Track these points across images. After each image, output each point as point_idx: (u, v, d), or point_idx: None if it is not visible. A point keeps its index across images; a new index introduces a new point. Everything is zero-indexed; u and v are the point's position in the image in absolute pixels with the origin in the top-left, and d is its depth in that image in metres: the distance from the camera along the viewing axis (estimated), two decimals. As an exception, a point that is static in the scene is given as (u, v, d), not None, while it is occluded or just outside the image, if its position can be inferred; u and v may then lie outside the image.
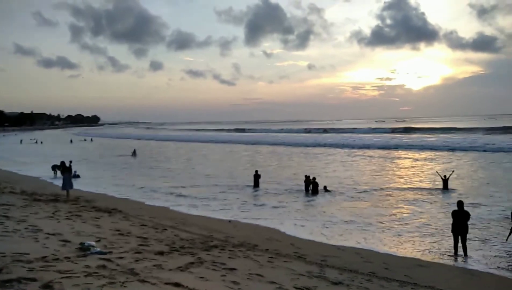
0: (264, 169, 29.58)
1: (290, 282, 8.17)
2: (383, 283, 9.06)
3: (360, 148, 55.45)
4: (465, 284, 9.79)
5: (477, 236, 14.38)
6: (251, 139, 76.51)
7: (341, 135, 76.52)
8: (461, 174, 28.53)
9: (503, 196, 20.92)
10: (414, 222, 16.68)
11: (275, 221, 17.08)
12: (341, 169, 34.88)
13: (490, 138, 59.02)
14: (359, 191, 23.89)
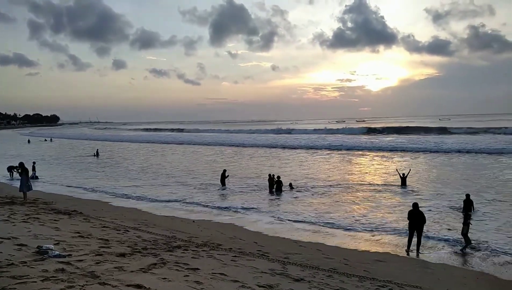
0: (229, 168, 29.57)
1: (253, 280, 8.27)
2: (343, 278, 9.33)
3: (323, 148, 56.36)
4: (421, 277, 10.22)
5: (430, 228, 15.14)
6: (212, 140, 75.21)
7: (304, 136, 77.37)
8: (418, 172, 29.81)
9: (451, 191, 22.19)
10: (374, 218, 17.37)
11: (239, 220, 17.24)
12: (305, 168, 35.48)
13: (442, 138, 61.75)
14: (322, 188, 24.70)
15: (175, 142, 73.86)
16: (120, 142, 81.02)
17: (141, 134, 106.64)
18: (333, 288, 8.23)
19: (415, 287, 8.94)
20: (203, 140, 74.11)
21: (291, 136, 78.84)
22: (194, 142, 71.57)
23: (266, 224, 16.89)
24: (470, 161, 36.72)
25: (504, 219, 16.53)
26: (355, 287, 8.61)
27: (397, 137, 67.02)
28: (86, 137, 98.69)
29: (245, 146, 61.73)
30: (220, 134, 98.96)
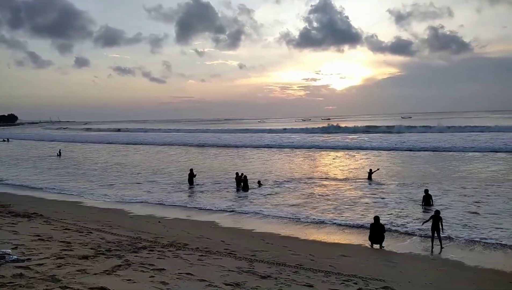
0: (196, 168, 29.32)
1: (220, 279, 8.25)
2: (309, 274, 9.46)
3: (289, 147, 56.89)
4: (384, 270, 10.51)
5: (392, 222, 15.68)
6: (177, 139, 72.88)
7: (272, 135, 77.69)
8: (383, 167, 30.61)
9: (412, 186, 23.21)
10: (341, 212, 18.12)
11: (207, 218, 17.19)
12: (270, 165, 35.75)
13: (404, 136, 63.86)
14: (289, 183, 25.48)
15: (138, 142, 71.07)
16: (82, 143, 78.54)
17: (103, 134, 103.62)
18: (299, 284, 8.33)
19: (379, 280, 9.18)
20: (167, 140, 72.33)
21: (257, 135, 79.00)
22: (158, 142, 69.51)
23: (233, 221, 17.03)
24: (431, 159, 38.14)
25: (461, 209, 17.68)
26: (321, 282, 8.75)
27: (360, 135, 68.65)
28: (49, 138, 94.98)
29: (210, 145, 61.17)
30: (186, 133, 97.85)
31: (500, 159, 35.15)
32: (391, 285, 8.78)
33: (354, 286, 8.48)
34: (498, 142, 45.08)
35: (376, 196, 21.16)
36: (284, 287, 8.03)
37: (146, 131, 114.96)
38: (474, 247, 13.27)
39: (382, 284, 8.83)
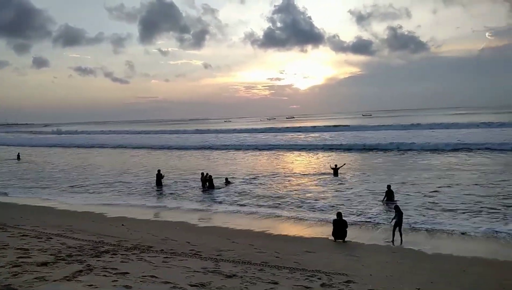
0: (162, 169, 28.95)
1: (185, 280, 8.20)
2: (274, 271, 9.56)
3: (255, 146, 57.10)
4: (347, 264, 10.77)
5: (355, 216, 16.18)
6: (140, 142, 69.62)
7: (237, 135, 77.46)
8: (348, 164, 31.45)
9: (374, 181, 24.02)
10: (306, 208, 18.65)
11: (172, 220, 17.07)
12: (240, 164, 35.85)
13: (366, 133, 65.59)
14: (256, 181, 26.08)
15: (98, 145, 68.08)
16: (40, 147, 75.55)
17: (62, 137, 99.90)
18: (264, 282, 8.40)
19: (341, 275, 9.39)
20: (131, 142, 70.25)
21: (222, 135, 78.71)
22: (122, 145, 67.19)
23: (200, 221, 17.08)
24: (392, 155, 39.41)
25: (419, 201, 18.80)
26: (285, 279, 8.86)
27: (322, 134, 69.76)
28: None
29: (176, 147, 60.21)
30: (152, 135, 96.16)
31: (455, 155, 36.77)
32: (353, 279, 9.01)
33: (318, 282, 8.64)
34: (454, 139, 47.08)
35: (340, 191, 22.23)
36: (249, 285, 8.08)
37: (108, 133, 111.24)
38: (431, 238, 14.02)
39: (345, 279, 9.04)
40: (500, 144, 39.14)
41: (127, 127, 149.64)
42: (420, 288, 8.59)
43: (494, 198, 19.00)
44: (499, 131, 54.33)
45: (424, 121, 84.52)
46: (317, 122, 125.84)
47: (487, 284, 9.18)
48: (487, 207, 17.46)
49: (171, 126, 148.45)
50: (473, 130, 58.08)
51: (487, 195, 19.53)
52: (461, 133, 54.91)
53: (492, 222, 15.43)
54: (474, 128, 61.96)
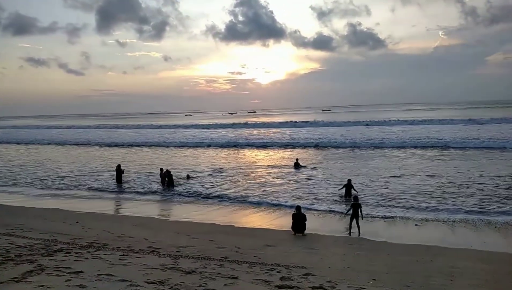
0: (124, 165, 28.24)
1: (143, 278, 8.01)
2: (234, 266, 9.54)
3: (216, 141, 56.84)
4: (306, 258, 10.92)
5: (314, 210, 16.51)
6: (89, 138, 65.25)
7: (197, 131, 76.35)
8: (308, 159, 32.07)
9: (336, 175, 24.67)
10: (266, 203, 18.99)
11: (130, 216, 16.71)
12: (201, 159, 35.60)
13: (326, 129, 66.81)
14: (217, 175, 26.46)
15: (44, 142, 61.99)
16: None
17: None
18: (224, 277, 8.36)
19: (300, 268, 9.51)
20: (79, 138, 67.06)
21: (182, 131, 77.53)
22: (70, 141, 61.89)
23: (159, 218, 16.91)
24: (350, 150, 40.46)
25: (374, 192, 19.87)
26: (245, 273, 8.86)
27: (283, 130, 70.25)
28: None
29: (133, 143, 58.71)
30: (108, 130, 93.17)
31: (408, 151, 38.25)
32: (312, 272, 9.14)
33: (277, 275, 8.70)
34: (408, 135, 48.89)
35: (301, 184, 23.05)
36: (208, 281, 8.01)
37: (55, 128, 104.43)
38: (387, 228, 14.73)
39: (303, 271, 9.15)
40: (449, 141, 41.02)
41: (80, 121, 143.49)
42: (375, 278, 8.84)
43: (444, 189, 19.98)
44: (451, 127, 57.14)
45: (381, 117, 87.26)
46: (278, 117, 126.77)
47: (438, 272, 9.58)
48: (438, 197, 18.41)
49: (127, 120, 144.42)
50: (427, 126, 60.56)
51: (438, 187, 20.54)
52: (415, 129, 57.21)
53: (442, 211, 16.43)
54: (429, 124, 64.34)
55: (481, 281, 8.98)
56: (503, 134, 44.16)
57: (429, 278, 9.06)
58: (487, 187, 20.17)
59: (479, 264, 10.64)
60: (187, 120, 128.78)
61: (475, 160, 29.32)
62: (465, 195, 18.87)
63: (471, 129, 52.52)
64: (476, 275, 9.47)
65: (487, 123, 60.45)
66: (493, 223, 14.96)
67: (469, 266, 10.37)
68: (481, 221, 15.25)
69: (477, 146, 36.45)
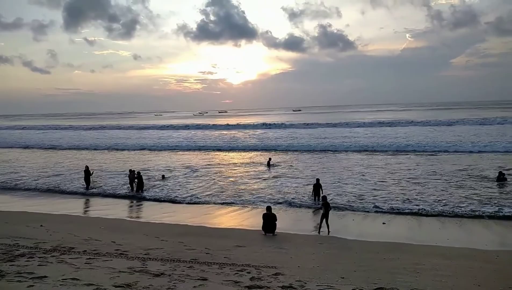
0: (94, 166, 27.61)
1: (110, 281, 7.84)
2: (204, 267, 9.46)
3: (188, 144, 56.35)
4: (276, 257, 10.97)
5: (284, 210, 16.65)
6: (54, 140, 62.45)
7: (168, 132, 75.09)
8: (279, 160, 32.32)
9: (303, 175, 24.93)
10: (237, 203, 19.09)
11: (97, 219, 16.35)
12: (175, 159, 35.24)
13: (295, 131, 67.39)
14: (192, 175, 26.78)
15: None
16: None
17: None
18: (193, 279, 8.29)
19: (270, 267, 9.54)
20: (44, 140, 64.51)
21: (154, 132, 76.24)
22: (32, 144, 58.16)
23: (128, 220, 16.65)
24: (318, 153, 41.02)
25: (340, 190, 20.31)
26: (215, 274, 8.81)
27: (256, 132, 70.19)
28: None
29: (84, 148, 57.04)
30: (72, 131, 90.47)
31: (375, 152, 39.12)
32: (282, 271, 9.19)
33: (247, 276, 8.70)
34: (375, 137, 50.02)
35: (272, 184, 23.47)
36: (178, 283, 7.92)
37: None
38: (356, 227, 15.04)
39: (273, 271, 9.19)
40: (414, 143, 42.19)
41: (43, 121, 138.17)
42: (344, 276, 8.97)
43: (409, 188, 20.59)
44: (420, 128, 58.94)
45: (350, 118, 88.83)
46: (250, 118, 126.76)
47: (404, 269, 9.83)
48: (404, 196, 18.96)
49: (93, 121, 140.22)
50: (394, 128, 62.07)
51: (403, 187, 21.15)
52: (383, 131, 58.60)
53: (408, 209, 16.96)
54: (395, 126, 65.76)
55: (444, 277, 9.27)
56: (461, 136, 45.98)
57: (395, 275, 9.27)
58: (447, 187, 20.97)
59: (442, 260, 10.98)
60: (158, 121, 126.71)
61: (439, 162, 30.33)
62: (428, 194, 19.54)
63: (433, 131, 54.43)
64: (439, 271, 9.77)
65: (453, 124, 62.65)
66: (454, 220, 15.60)
67: (433, 262, 10.69)
68: (444, 218, 15.89)
69: (447, 150, 36.95)
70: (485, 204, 17.39)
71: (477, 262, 10.87)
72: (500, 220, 15.54)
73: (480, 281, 8.95)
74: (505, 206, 16.89)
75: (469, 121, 64.37)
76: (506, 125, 56.70)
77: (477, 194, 19.23)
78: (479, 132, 48.71)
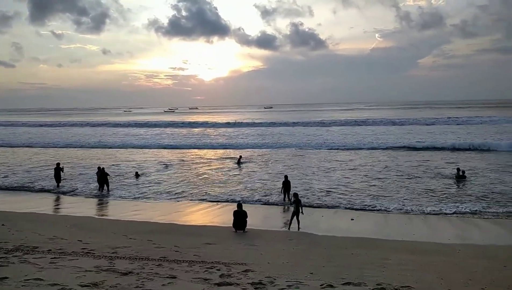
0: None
1: (75, 281, 7.65)
2: (173, 265, 9.37)
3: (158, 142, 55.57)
4: (246, 254, 10.99)
5: (254, 208, 16.72)
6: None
7: (137, 130, 73.52)
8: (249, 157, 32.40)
9: (272, 173, 25.06)
10: (208, 200, 19.12)
11: (64, 217, 15.94)
12: (145, 160, 34.71)
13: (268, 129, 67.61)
14: (163, 174, 26.34)
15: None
16: None
17: None
18: (162, 277, 8.19)
19: (240, 264, 9.55)
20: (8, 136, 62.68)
21: (122, 130, 74.70)
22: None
23: (95, 217, 16.35)
24: (291, 152, 41.34)
25: (309, 186, 20.66)
26: (184, 272, 8.74)
27: (226, 130, 69.79)
28: None
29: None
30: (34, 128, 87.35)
31: (344, 151, 39.79)
32: (251, 268, 9.21)
33: (217, 273, 8.68)
34: (344, 136, 50.82)
35: (244, 180, 23.70)
36: (146, 281, 7.81)
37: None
38: (325, 223, 15.18)
39: (243, 268, 9.20)
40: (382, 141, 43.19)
41: (6, 117, 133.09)
42: (313, 272, 9.08)
43: (378, 185, 21.08)
44: (383, 128, 60.26)
45: (320, 117, 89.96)
46: (221, 115, 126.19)
47: (371, 264, 10.05)
48: (372, 192, 19.43)
49: (60, 117, 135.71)
50: (365, 127, 63.31)
51: (372, 184, 21.64)
52: (353, 129, 59.67)
53: (376, 205, 17.34)
54: (366, 125, 66.96)
55: (409, 271, 9.53)
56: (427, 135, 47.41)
57: (363, 270, 9.46)
58: (410, 183, 21.66)
59: (408, 255, 11.31)
60: (127, 117, 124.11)
61: (407, 160, 31.13)
62: (392, 190, 20.15)
63: (399, 129, 55.91)
64: (405, 266, 10.04)
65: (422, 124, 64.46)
66: (420, 216, 16.12)
67: (399, 257, 10.99)
68: (410, 214, 16.38)
69: (424, 146, 37.79)
70: (443, 200, 18.14)
71: (440, 256, 11.23)
72: (462, 215, 16.12)
73: (443, 275, 9.25)
74: (466, 202, 17.58)
75: (435, 120, 66.54)
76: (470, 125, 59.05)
77: (439, 190, 19.91)
78: (444, 131, 50.47)
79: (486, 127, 54.42)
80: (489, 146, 35.31)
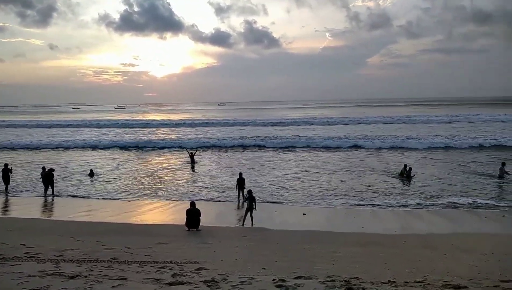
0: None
1: (17, 287, 7.28)
2: (124, 267, 9.14)
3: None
4: (199, 252, 10.92)
5: (207, 205, 16.68)
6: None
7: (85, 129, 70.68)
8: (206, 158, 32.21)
9: (228, 171, 25.09)
10: (161, 198, 18.98)
11: (8, 219, 15.09)
12: (95, 160, 33.56)
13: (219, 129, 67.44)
14: (116, 173, 25.98)
15: None
16: None
17: None
18: (112, 279, 7.97)
19: (193, 263, 9.48)
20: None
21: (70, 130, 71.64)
22: None
23: (40, 219, 15.60)
24: (243, 150, 41.53)
25: (262, 183, 20.24)
26: (135, 273, 8.55)
27: (180, 130, 68.90)
28: None
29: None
30: None
31: (294, 149, 40.59)
32: (204, 266, 9.18)
33: (169, 272, 8.56)
34: (297, 134, 51.75)
35: (196, 178, 23.64)
36: (94, 284, 7.57)
37: None
38: (278, 219, 15.43)
39: (196, 266, 9.15)
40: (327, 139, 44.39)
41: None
42: (265, 267, 9.18)
43: (327, 181, 21.72)
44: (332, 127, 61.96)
45: (274, 115, 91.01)
46: (173, 113, 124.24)
47: (322, 257, 10.32)
48: (322, 188, 20.00)
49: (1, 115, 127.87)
50: (314, 126, 64.57)
51: (322, 181, 22.26)
52: (305, 128, 60.83)
53: (326, 200, 17.91)
54: (314, 124, 68.16)
55: (358, 263, 9.88)
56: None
57: (314, 263, 9.69)
58: (358, 179, 22.46)
59: (357, 247, 11.71)
60: (75, 114, 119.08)
61: (361, 159, 32.22)
62: (344, 186, 20.91)
63: (349, 128, 57.75)
64: (354, 258, 10.39)
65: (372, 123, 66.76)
66: (368, 209, 16.81)
67: (349, 250, 11.36)
68: (359, 208, 17.02)
69: (362, 145, 39.31)
70: (390, 194, 19.00)
71: (387, 247, 11.72)
72: (407, 208, 16.97)
73: (389, 265, 9.66)
74: (410, 195, 18.62)
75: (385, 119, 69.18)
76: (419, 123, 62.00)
77: (386, 186, 20.85)
78: (388, 128, 52.65)
79: (434, 126, 57.52)
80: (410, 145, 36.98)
